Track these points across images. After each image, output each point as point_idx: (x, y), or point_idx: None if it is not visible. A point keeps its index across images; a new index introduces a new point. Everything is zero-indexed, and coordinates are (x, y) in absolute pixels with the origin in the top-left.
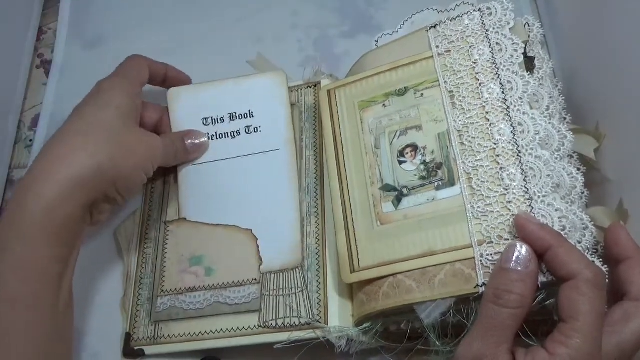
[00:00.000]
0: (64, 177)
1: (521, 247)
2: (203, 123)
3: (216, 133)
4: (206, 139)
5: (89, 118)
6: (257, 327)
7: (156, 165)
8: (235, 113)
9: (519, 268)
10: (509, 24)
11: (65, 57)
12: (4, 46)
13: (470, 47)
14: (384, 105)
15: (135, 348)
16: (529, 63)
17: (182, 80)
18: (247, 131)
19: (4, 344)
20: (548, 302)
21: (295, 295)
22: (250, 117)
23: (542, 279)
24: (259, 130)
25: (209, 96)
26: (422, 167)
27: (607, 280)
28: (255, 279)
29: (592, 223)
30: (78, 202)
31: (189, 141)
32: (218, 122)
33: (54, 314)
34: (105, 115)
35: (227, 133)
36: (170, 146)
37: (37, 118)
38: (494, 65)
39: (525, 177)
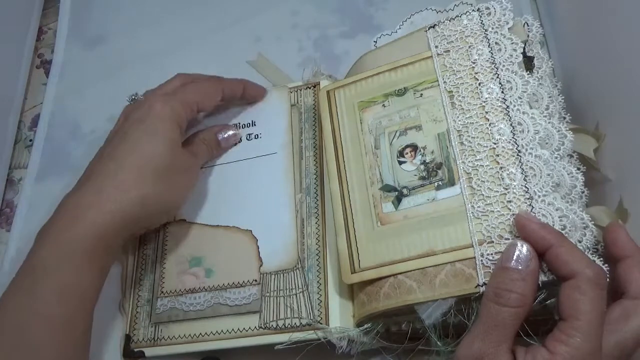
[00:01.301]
0: (114, 213)
1: (522, 246)
2: None
3: None
4: (236, 130)
5: (142, 153)
6: (258, 328)
7: (194, 187)
8: (239, 123)
9: (520, 267)
10: (507, 23)
11: (65, 57)
12: (4, 46)
13: (469, 47)
14: (383, 105)
15: (135, 350)
16: (528, 62)
17: (260, 95)
18: (247, 138)
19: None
20: (549, 301)
21: (296, 296)
22: (252, 126)
23: (542, 278)
24: (259, 137)
25: (217, 109)
26: (422, 167)
27: (607, 280)
28: (256, 280)
29: (592, 222)
30: (121, 235)
31: (221, 136)
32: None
33: (82, 337)
34: (155, 148)
35: None
36: (205, 151)
37: (37, 118)
38: (493, 65)
39: (525, 176)
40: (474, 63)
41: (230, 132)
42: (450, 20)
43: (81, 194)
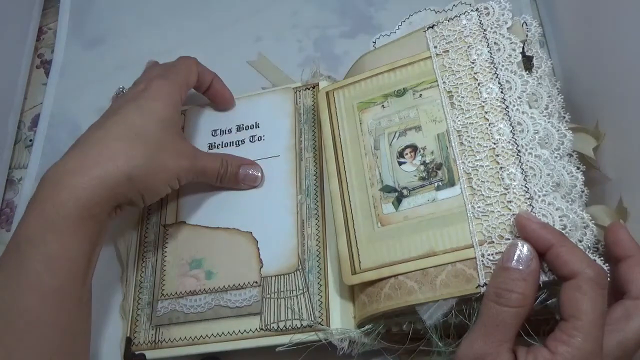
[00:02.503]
0: (99, 179)
1: (522, 246)
2: (212, 134)
3: (222, 142)
4: (261, 174)
5: (132, 125)
6: (259, 330)
7: (184, 182)
8: (243, 125)
9: (521, 267)
10: (506, 23)
11: (65, 57)
12: (4, 46)
13: (468, 47)
14: (382, 106)
15: (136, 352)
16: (528, 62)
17: (225, 95)
18: (251, 140)
19: (32, 333)
20: (549, 301)
21: (297, 297)
22: (256, 127)
23: (543, 278)
24: (262, 139)
25: (221, 112)
26: (421, 167)
27: (608, 279)
28: (256, 282)
29: (593, 222)
30: (108, 204)
31: (244, 171)
32: (225, 133)
33: (79, 307)
34: (147, 124)
35: (232, 142)
36: (216, 167)
37: (37, 118)
38: (493, 65)
39: (526, 176)
40: (473, 63)
41: (255, 173)
42: (449, 21)
43: (64, 161)
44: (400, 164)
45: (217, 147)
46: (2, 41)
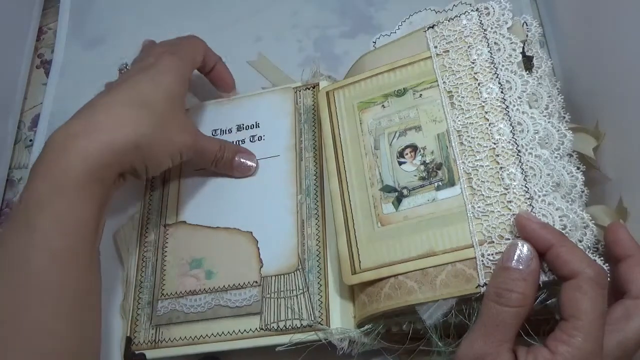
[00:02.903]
0: (108, 144)
1: (522, 245)
2: (212, 134)
3: None
4: (255, 164)
5: (141, 94)
6: (259, 329)
7: (185, 157)
8: (243, 124)
9: (521, 267)
10: (506, 23)
11: (65, 57)
12: (4, 46)
13: (468, 47)
14: (382, 106)
15: (136, 352)
16: (528, 62)
17: (226, 79)
18: (251, 140)
19: (44, 294)
20: (549, 301)
21: (297, 297)
22: (256, 127)
23: (543, 277)
24: (262, 139)
25: (222, 111)
26: (421, 167)
27: (608, 279)
28: (256, 282)
29: (593, 222)
30: (114, 169)
31: (239, 159)
32: (226, 133)
33: (89, 269)
34: (156, 96)
35: (232, 141)
36: (214, 151)
37: (37, 118)
38: (493, 65)
39: (526, 176)
40: (473, 63)
41: (249, 162)
42: (449, 21)
43: (70, 124)
44: (400, 163)
45: None
46: (2, 41)
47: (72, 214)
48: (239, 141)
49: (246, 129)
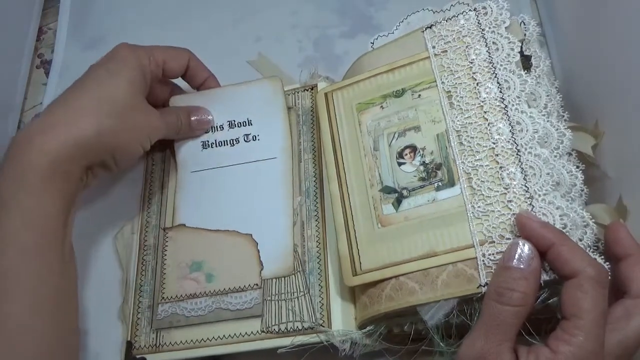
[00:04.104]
0: (68, 137)
1: (523, 245)
2: (204, 131)
3: (215, 140)
4: (211, 117)
5: (100, 84)
6: (260, 332)
7: (154, 140)
8: (234, 121)
9: (522, 266)
10: (504, 22)
11: (65, 57)
12: (4, 46)
13: (466, 46)
14: (381, 107)
15: (137, 356)
16: (526, 61)
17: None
18: (245, 139)
19: (16, 292)
20: (550, 300)
21: (298, 299)
22: (248, 125)
23: (544, 277)
24: (257, 139)
25: (208, 104)
26: (421, 168)
27: (609, 278)
28: (257, 284)
29: (593, 220)
30: (79, 163)
31: (194, 117)
32: (217, 130)
33: (61, 263)
34: (116, 85)
35: (227, 141)
36: (174, 121)
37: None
38: (491, 65)
39: (525, 175)
40: (471, 63)
41: (204, 117)
42: (447, 21)
43: (32, 123)
44: (399, 164)
45: (212, 146)
46: (2, 41)
47: (38, 209)
48: (232, 140)
49: (238, 126)
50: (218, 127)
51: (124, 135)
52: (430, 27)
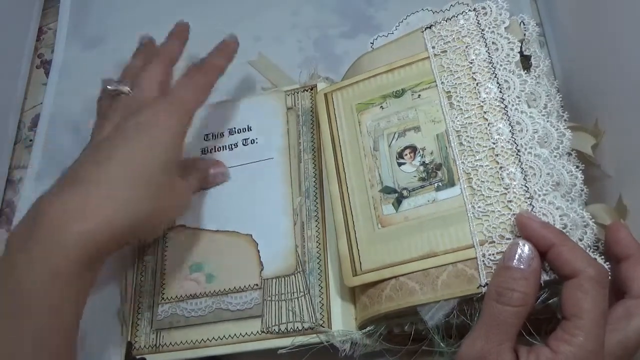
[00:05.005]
0: (105, 225)
1: (523, 245)
2: (204, 139)
3: (215, 147)
4: (226, 170)
5: (137, 165)
6: (260, 332)
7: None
8: (235, 128)
9: (522, 266)
10: (504, 23)
11: (65, 57)
12: (4, 46)
13: (466, 47)
14: (381, 107)
15: (137, 357)
16: (526, 61)
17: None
18: (244, 143)
19: None
20: (551, 300)
21: (298, 299)
22: (248, 130)
23: (544, 277)
24: (255, 142)
25: (212, 115)
26: (421, 168)
27: (609, 278)
28: (257, 285)
29: (593, 220)
30: (110, 251)
31: (213, 171)
32: (218, 137)
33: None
34: (152, 166)
35: (226, 146)
36: (197, 182)
37: (37, 118)
38: (491, 65)
39: (525, 175)
40: (471, 63)
41: (221, 170)
42: (446, 21)
43: (63, 200)
44: (399, 164)
45: (211, 152)
46: (2, 41)
47: (66, 302)
48: (231, 145)
49: (238, 132)
50: (219, 134)
51: (154, 220)
52: (430, 27)
